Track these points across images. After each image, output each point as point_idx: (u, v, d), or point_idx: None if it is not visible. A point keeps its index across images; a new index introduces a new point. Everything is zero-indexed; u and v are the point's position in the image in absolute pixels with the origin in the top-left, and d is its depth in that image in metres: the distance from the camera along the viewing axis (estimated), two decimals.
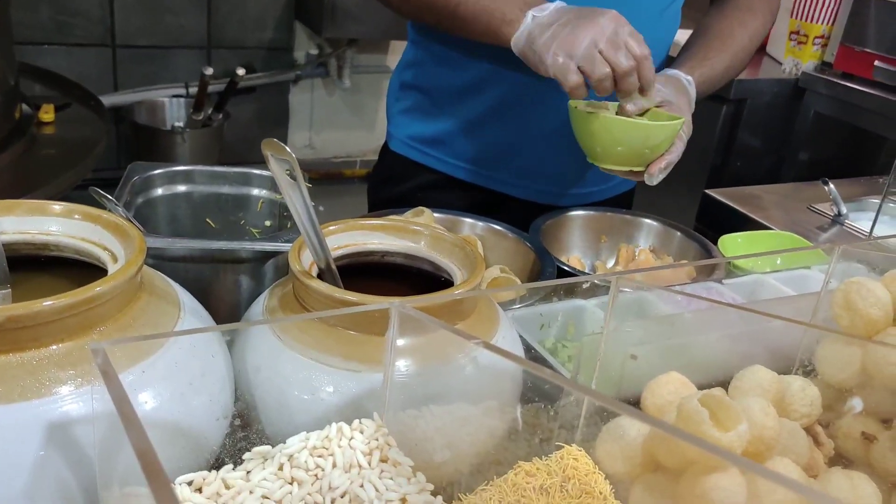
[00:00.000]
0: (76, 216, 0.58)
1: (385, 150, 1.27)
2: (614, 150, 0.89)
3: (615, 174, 0.93)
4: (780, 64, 2.38)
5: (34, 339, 0.48)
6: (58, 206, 0.58)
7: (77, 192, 1.93)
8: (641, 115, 0.90)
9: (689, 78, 1.03)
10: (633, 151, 0.89)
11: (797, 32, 2.32)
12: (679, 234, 1.05)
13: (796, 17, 2.32)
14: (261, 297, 0.67)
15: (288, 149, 0.54)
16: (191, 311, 0.58)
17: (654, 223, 1.08)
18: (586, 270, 1.05)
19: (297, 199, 0.56)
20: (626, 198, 1.28)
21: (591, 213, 1.08)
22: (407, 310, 0.50)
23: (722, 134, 2.18)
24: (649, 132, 0.88)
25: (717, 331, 0.65)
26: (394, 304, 0.51)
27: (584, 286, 0.79)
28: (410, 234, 0.69)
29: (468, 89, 1.13)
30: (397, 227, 0.70)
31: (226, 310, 0.74)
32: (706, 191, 1.34)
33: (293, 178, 0.55)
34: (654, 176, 0.91)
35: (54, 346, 0.48)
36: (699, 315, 0.66)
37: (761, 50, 2.56)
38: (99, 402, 0.43)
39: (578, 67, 0.85)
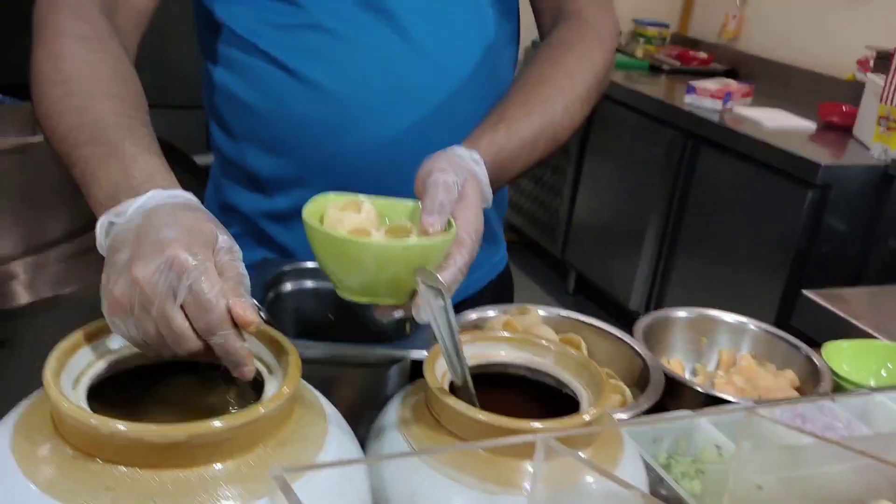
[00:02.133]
0: None
1: None
2: (359, 279, 0.64)
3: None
4: (868, 149, 2.36)
5: (208, 455, 0.51)
6: None
7: None
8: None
9: (474, 153, 0.77)
10: (382, 280, 0.63)
11: (887, 118, 2.30)
12: (778, 338, 1.05)
13: (886, 103, 2.31)
14: (392, 404, 0.69)
15: (439, 277, 0.57)
16: (335, 421, 0.61)
17: (753, 326, 1.08)
18: (686, 374, 1.05)
19: (443, 324, 0.59)
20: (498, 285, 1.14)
21: (690, 314, 1.08)
22: (553, 444, 0.52)
23: (808, 220, 2.17)
24: (394, 256, 0.62)
25: (844, 462, 0.65)
26: (540, 438, 0.53)
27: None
28: (536, 348, 0.72)
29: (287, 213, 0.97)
30: (523, 341, 0.72)
31: (347, 410, 0.77)
32: (804, 292, 1.33)
33: (441, 302, 0.58)
34: (422, 309, 0.62)
35: (221, 464, 0.52)
36: (825, 446, 0.66)
37: (847, 132, 2.55)
38: None
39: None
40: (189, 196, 0.63)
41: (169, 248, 0.54)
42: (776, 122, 2.59)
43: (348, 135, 0.92)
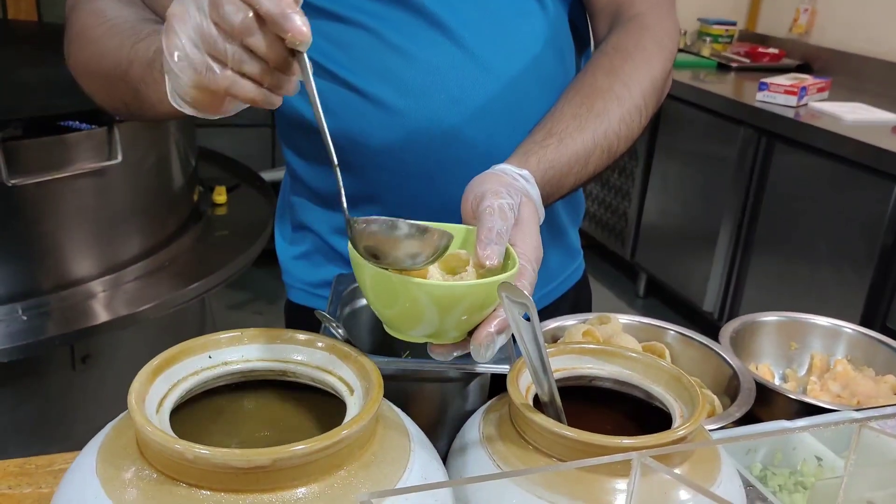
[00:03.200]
0: (318, 345, 0.61)
1: (288, 303, 1.09)
2: (415, 320, 0.59)
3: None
4: None
5: (291, 479, 0.50)
6: (301, 336, 0.61)
7: (252, 271, 2.03)
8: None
9: (524, 172, 0.74)
10: (440, 321, 0.59)
11: None
12: (877, 342, 1.00)
13: None
14: (474, 420, 0.67)
15: (525, 292, 0.55)
16: (418, 440, 0.59)
17: (849, 329, 1.03)
18: (776, 380, 1.00)
19: (529, 339, 0.57)
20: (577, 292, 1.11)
21: (780, 318, 1.04)
22: (649, 462, 0.50)
23: (893, 214, 2.07)
24: (456, 297, 0.57)
25: None
26: (635, 456, 0.50)
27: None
28: (623, 360, 0.69)
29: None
30: (609, 353, 0.69)
31: (425, 426, 0.75)
32: None
33: (527, 319, 0.56)
34: (483, 347, 0.60)
35: (305, 488, 0.50)
36: None
37: None
38: None
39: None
40: None
41: None
42: (856, 116, 2.49)
43: (414, 152, 0.90)
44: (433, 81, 0.89)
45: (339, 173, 0.60)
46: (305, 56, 0.57)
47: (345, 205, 0.60)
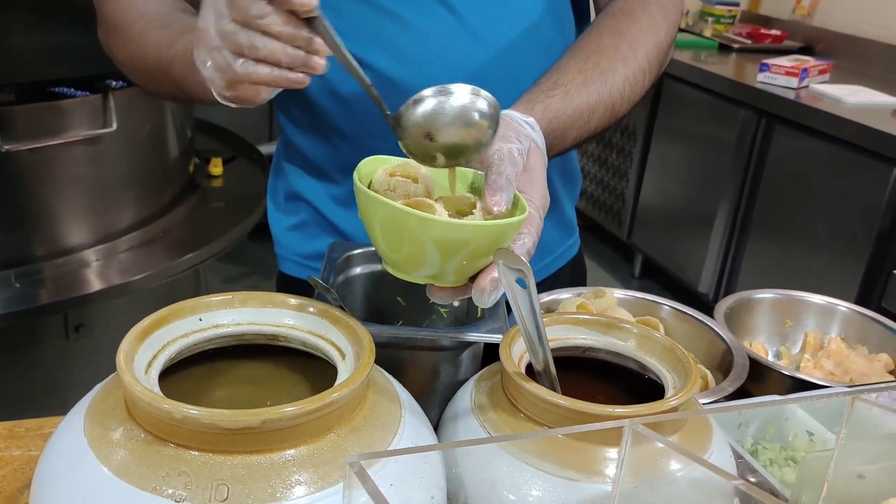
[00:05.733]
0: (310, 309, 0.60)
1: (280, 274, 1.07)
2: (416, 257, 0.57)
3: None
4: None
5: (280, 440, 0.50)
6: (293, 300, 0.61)
7: (243, 244, 2.03)
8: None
9: (530, 119, 0.73)
10: (443, 261, 0.56)
11: None
12: (872, 321, 0.99)
13: None
14: (466, 388, 0.67)
15: (522, 258, 0.54)
16: (409, 406, 0.59)
17: (844, 308, 1.02)
18: (770, 357, 1.00)
19: (525, 306, 0.57)
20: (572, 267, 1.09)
21: (776, 296, 1.04)
22: (641, 429, 0.49)
23: (891, 198, 2.07)
24: (464, 237, 0.55)
25: None
26: (627, 424, 0.50)
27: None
28: (618, 331, 0.68)
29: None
30: (603, 324, 0.69)
31: (417, 394, 0.75)
32: None
33: (523, 286, 0.55)
34: (486, 293, 0.58)
35: (294, 450, 0.50)
36: None
37: None
38: None
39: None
40: None
41: None
42: (857, 99, 2.48)
43: None
44: (430, 49, 0.88)
45: (375, 92, 0.60)
46: (324, 21, 0.57)
47: (386, 110, 0.60)
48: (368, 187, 0.58)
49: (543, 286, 1.03)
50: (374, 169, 0.61)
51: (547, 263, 1.07)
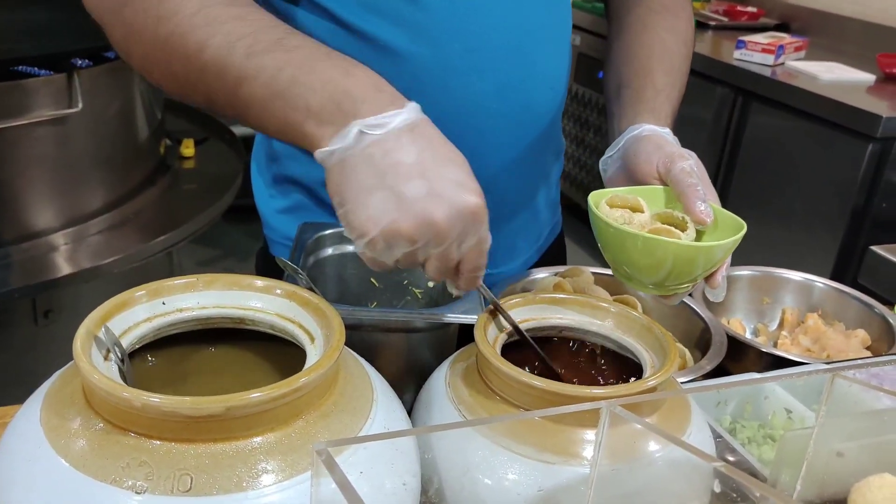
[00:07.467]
0: (277, 291, 0.58)
1: (264, 256, 1.04)
2: (655, 276, 0.70)
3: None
4: None
5: (246, 428, 0.48)
6: (259, 282, 0.59)
7: (218, 227, 1.99)
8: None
9: (667, 131, 0.84)
10: (684, 274, 0.69)
11: None
12: (849, 297, 0.99)
13: None
14: (440, 371, 0.66)
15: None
16: (382, 392, 0.57)
17: (821, 284, 1.02)
18: (748, 335, 1.00)
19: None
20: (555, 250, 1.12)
21: (753, 273, 1.03)
22: (619, 411, 0.48)
23: (867, 175, 2.07)
24: (709, 254, 0.68)
25: None
26: (604, 405, 0.49)
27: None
28: (594, 310, 0.67)
29: None
30: (580, 303, 0.68)
31: (391, 377, 0.74)
32: (873, 248, 1.26)
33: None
34: (720, 288, 0.72)
35: (261, 437, 0.48)
36: None
37: None
38: (322, 497, 0.42)
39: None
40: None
41: (469, 194, 0.57)
42: (833, 75, 2.48)
43: (424, 100, 0.87)
44: (447, 29, 0.85)
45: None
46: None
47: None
48: None
49: (534, 266, 1.02)
50: (598, 200, 0.76)
51: (541, 245, 1.06)
